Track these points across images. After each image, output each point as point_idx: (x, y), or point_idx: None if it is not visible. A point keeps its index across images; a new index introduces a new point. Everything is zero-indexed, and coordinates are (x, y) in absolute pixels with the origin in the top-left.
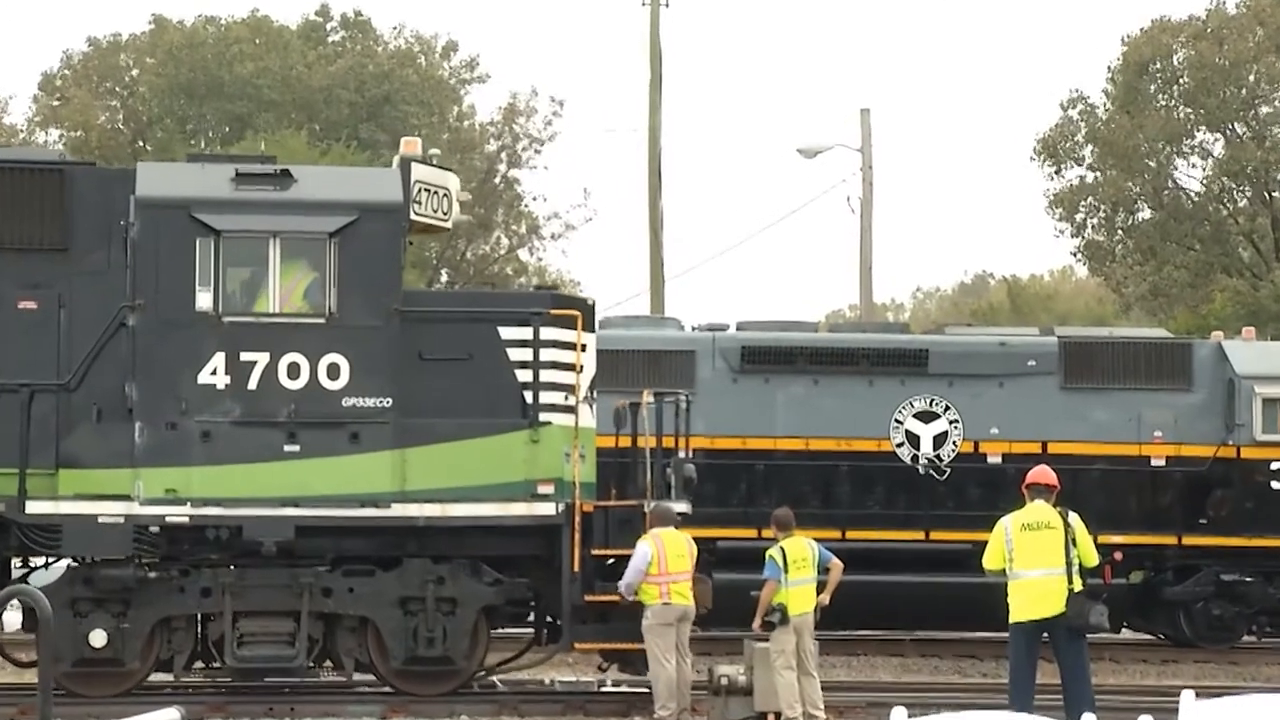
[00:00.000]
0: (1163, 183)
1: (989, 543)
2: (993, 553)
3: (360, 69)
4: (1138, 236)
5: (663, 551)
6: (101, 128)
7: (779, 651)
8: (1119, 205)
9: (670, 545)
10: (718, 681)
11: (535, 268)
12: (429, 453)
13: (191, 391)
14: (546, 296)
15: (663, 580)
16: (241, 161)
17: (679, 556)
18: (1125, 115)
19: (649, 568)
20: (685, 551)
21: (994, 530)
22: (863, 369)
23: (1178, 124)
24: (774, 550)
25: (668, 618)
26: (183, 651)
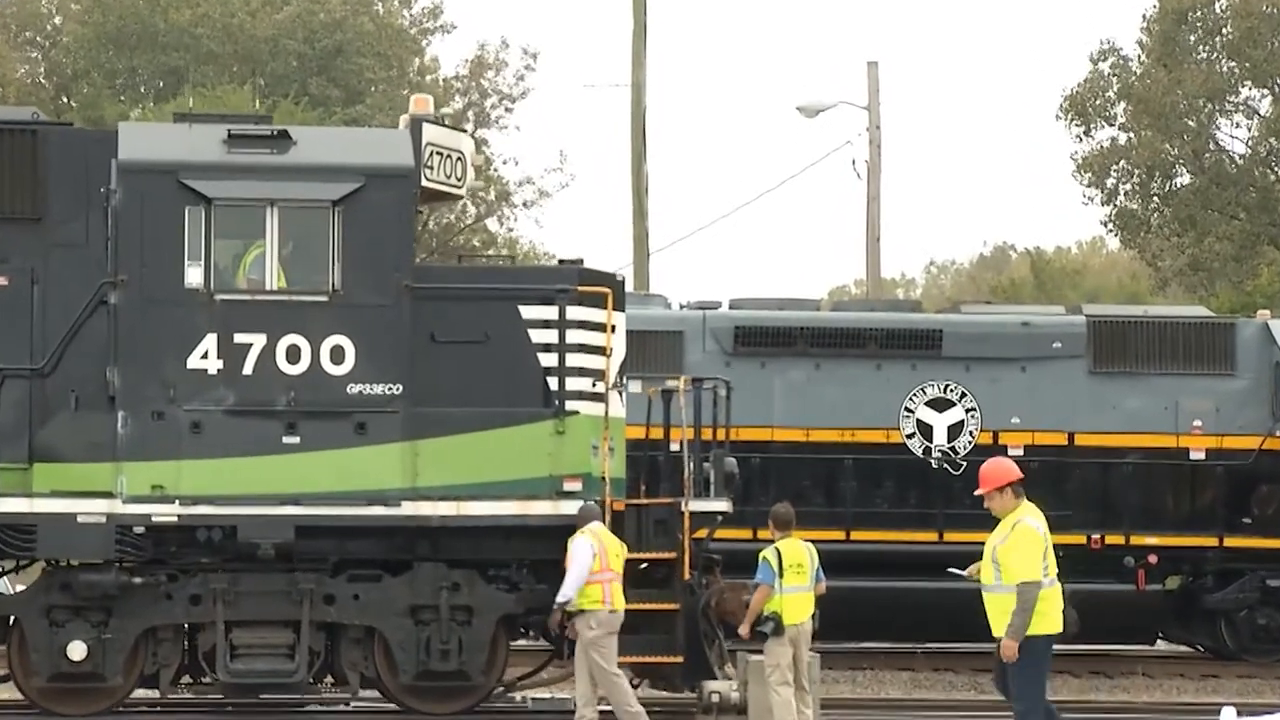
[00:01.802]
0: (1203, 144)
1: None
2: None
3: (310, 17)
4: (1175, 204)
5: (602, 547)
6: (20, 82)
7: (774, 665)
8: (1155, 169)
9: (609, 542)
10: (708, 699)
11: (505, 239)
12: (443, 445)
13: (180, 377)
14: (573, 272)
15: (604, 578)
16: (234, 121)
17: (616, 555)
18: (1162, 69)
19: (593, 563)
20: (620, 551)
21: (1029, 535)
22: (870, 352)
23: (1220, 79)
24: (768, 552)
25: (614, 626)
26: (170, 665)
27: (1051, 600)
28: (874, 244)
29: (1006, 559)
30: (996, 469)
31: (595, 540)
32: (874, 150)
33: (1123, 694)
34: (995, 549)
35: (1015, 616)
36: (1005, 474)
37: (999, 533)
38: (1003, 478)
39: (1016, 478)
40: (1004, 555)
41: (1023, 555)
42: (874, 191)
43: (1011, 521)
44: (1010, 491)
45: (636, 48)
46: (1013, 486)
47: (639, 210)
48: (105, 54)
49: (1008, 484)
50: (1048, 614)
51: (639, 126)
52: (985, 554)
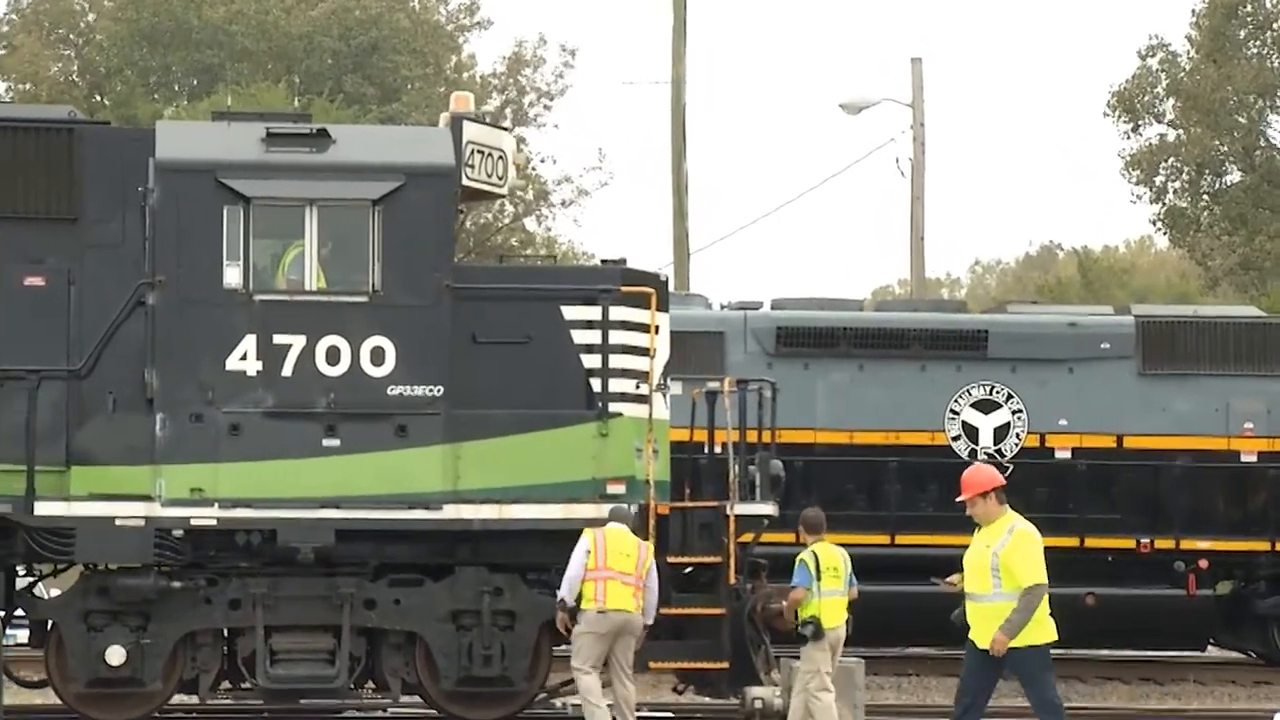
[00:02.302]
0: (1254, 141)
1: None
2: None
3: (345, 14)
4: (1226, 202)
5: (602, 545)
6: (53, 80)
7: (813, 671)
8: (1204, 167)
9: (614, 540)
10: (751, 705)
11: (543, 238)
12: (484, 448)
13: (219, 379)
14: (616, 272)
15: (599, 575)
16: (273, 120)
17: (623, 555)
18: (1212, 65)
19: (587, 560)
20: (633, 551)
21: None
22: (914, 352)
23: (1271, 74)
24: (805, 554)
25: (600, 627)
26: (209, 670)
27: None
28: (918, 243)
29: (1011, 563)
30: (979, 475)
31: (593, 538)
32: (918, 148)
33: (1174, 701)
34: (995, 555)
35: (1017, 614)
36: (988, 480)
37: (994, 538)
38: (986, 483)
39: (1000, 484)
40: (1008, 559)
41: (1029, 558)
42: (918, 190)
43: (1006, 526)
44: (994, 497)
45: (676, 44)
46: (996, 492)
47: (679, 209)
48: (139, 52)
49: (991, 490)
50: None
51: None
52: (974, 561)
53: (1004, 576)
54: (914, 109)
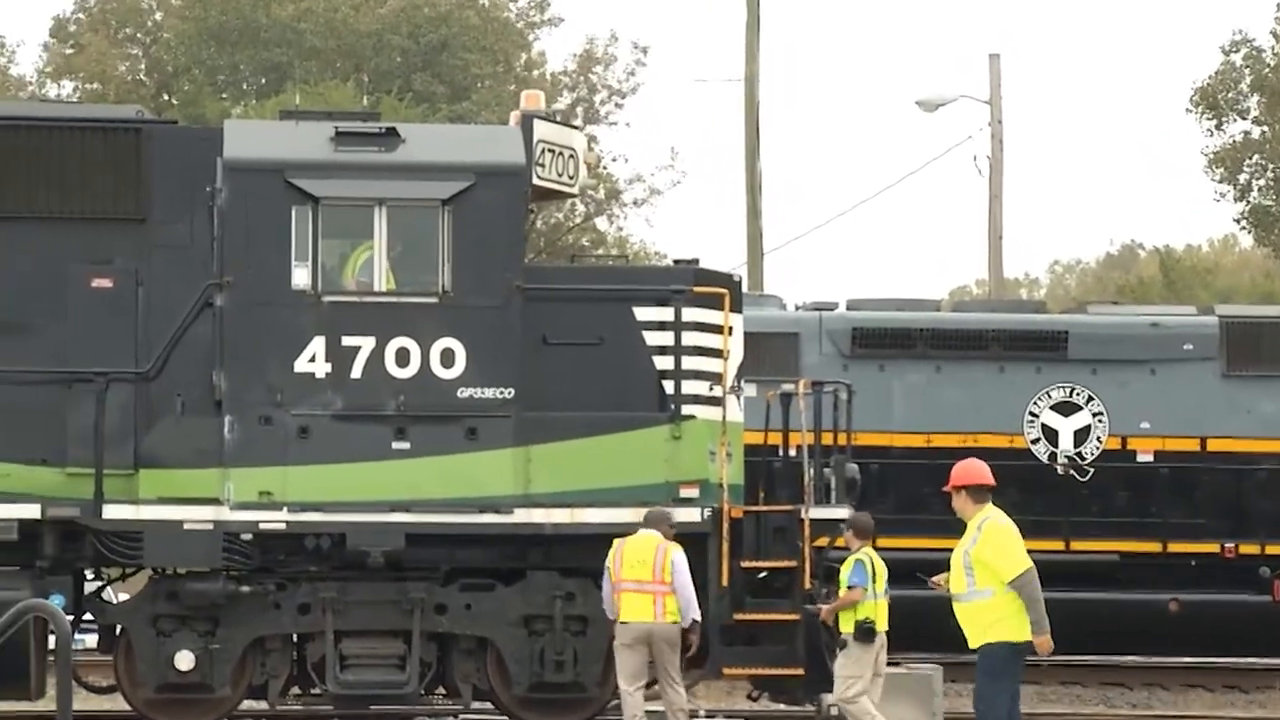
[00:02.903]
0: None
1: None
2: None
3: (414, 11)
4: None
5: (619, 556)
6: (120, 79)
7: (856, 677)
8: None
9: (632, 549)
10: (826, 712)
11: (615, 238)
12: (555, 450)
13: (287, 381)
14: (689, 272)
15: (618, 587)
16: (342, 119)
17: (638, 563)
18: None
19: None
20: (647, 559)
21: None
22: (992, 354)
23: None
24: (861, 555)
25: (624, 637)
26: (279, 676)
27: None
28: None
29: (985, 558)
30: (958, 470)
31: (613, 550)
32: (996, 145)
33: (1259, 709)
34: (966, 553)
35: (1031, 611)
36: (961, 475)
37: (966, 537)
38: (957, 479)
39: (969, 481)
40: (979, 555)
41: (1003, 549)
42: (996, 188)
43: (977, 522)
44: (966, 495)
45: (750, 40)
46: (969, 490)
47: (753, 208)
48: (206, 50)
49: (961, 486)
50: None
51: (752, 122)
52: (953, 561)
53: (978, 574)
54: (992, 106)
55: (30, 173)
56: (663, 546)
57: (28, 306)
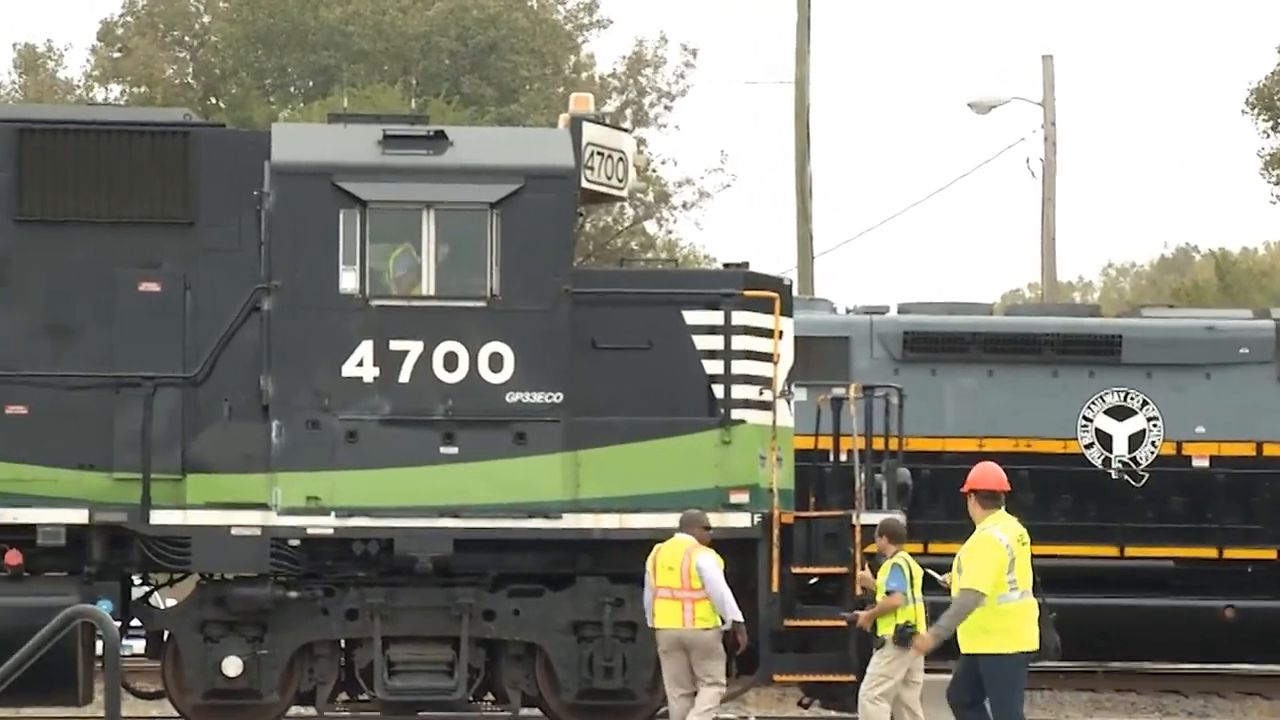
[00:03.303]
0: None
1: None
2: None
3: (462, 13)
4: None
5: (652, 563)
6: (168, 82)
7: (887, 678)
8: None
9: (664, 555)
10: None
11: (664, 241)
12: (605, 455)
13: (335, 385)
14: (739, 275)
15: (654, 594)
16: (389, 121)
17: (667, 569)
18: None
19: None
20: (675, 564)
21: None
22: (1045, 358)
23: None
24: (899, 560)
25: (660, 644)
26: (327, 682)
27: (1020, 616)
28: (1049, 245)
29: (962, 563)
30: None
31: (651, 556)
32: (1049, 147)
33: None
34: (959, 558)
35: (946, 617)
36: (973, 480)
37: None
38: (969, 484)
39: (982, 487)
40: (960, 561)
41: (974, 561)
42: (1049, 191)
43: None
44: (974, 499)
45: (800, 42)
46: (977, 495)
47: (803, 211)
48: (254, 53)
49: (970, 491)
50: (1017, 630)
51: (803, 124)
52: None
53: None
54: (1045, 107)
55: (78, 177)
56: (689, 551)
57: (75, 310)
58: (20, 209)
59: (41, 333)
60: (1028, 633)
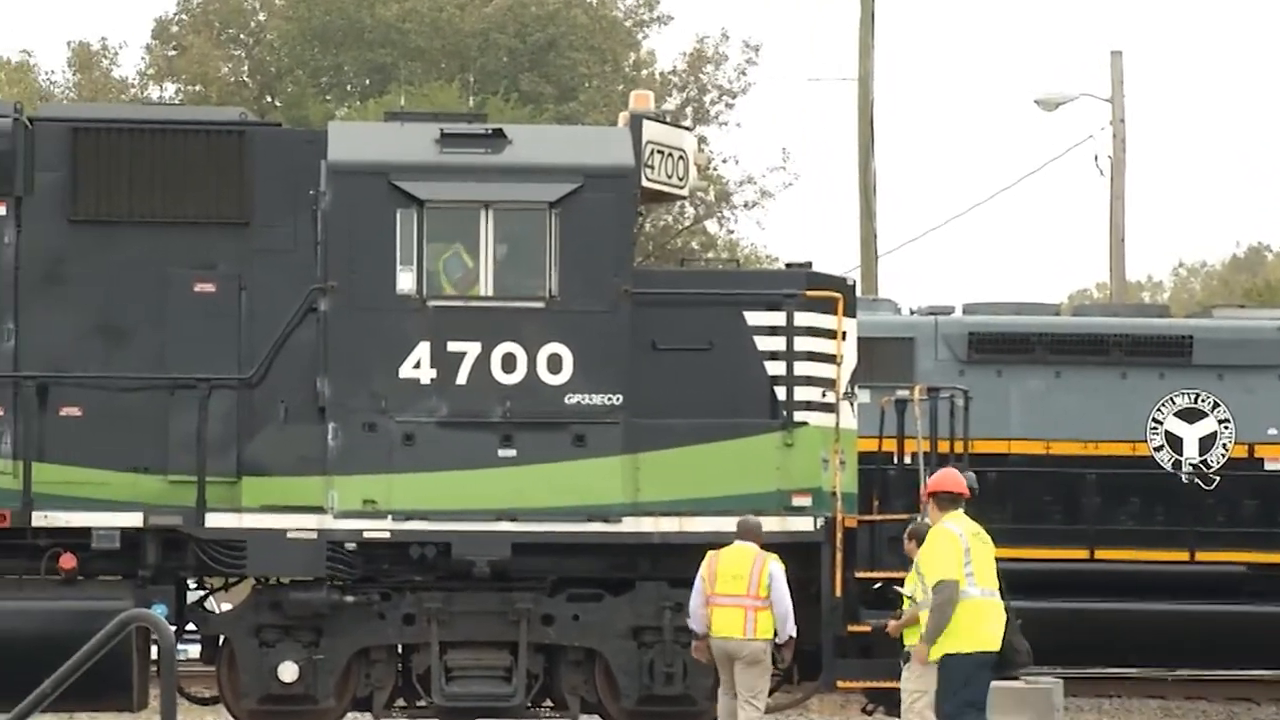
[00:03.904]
0: None
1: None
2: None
3: (521, 10)
4: None
5: (713, 569)
6: (223, 81)
7: (919, 691)
8: None
9: (727, 562)
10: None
11: (725, 241)
12: (665, 458)
13: (392, 387)
14: (801, 276)
15: (712, 602)
16: (446, 120)
17: (734, 578)
18: None
19: (704, 587)
20: (744, 572)
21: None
22: (1114, 359)
23: None
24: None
25: (717, 653)
26: (383, 687)
27: (979, 615)
28: (1118, 245)
29: (921, 565)
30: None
31: (707, 563)
32: (1118, 145)
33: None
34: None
35: (930, 618)
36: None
37: None
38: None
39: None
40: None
41: (933, 555)
42: (1118, 189)
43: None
44: (934, 503)
45: (864, 38)
46: (936, 498)
47: (866, 210)
48: (310, 51)
49: (931, 495)
50: (974, 629)
51: (866, 122)
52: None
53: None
54: (1113, 104)
55: (133, 177)
56: (760, 559)
57: (129, 311)
58: (75, 209)
59: (96, 334)
60: (985, 632)
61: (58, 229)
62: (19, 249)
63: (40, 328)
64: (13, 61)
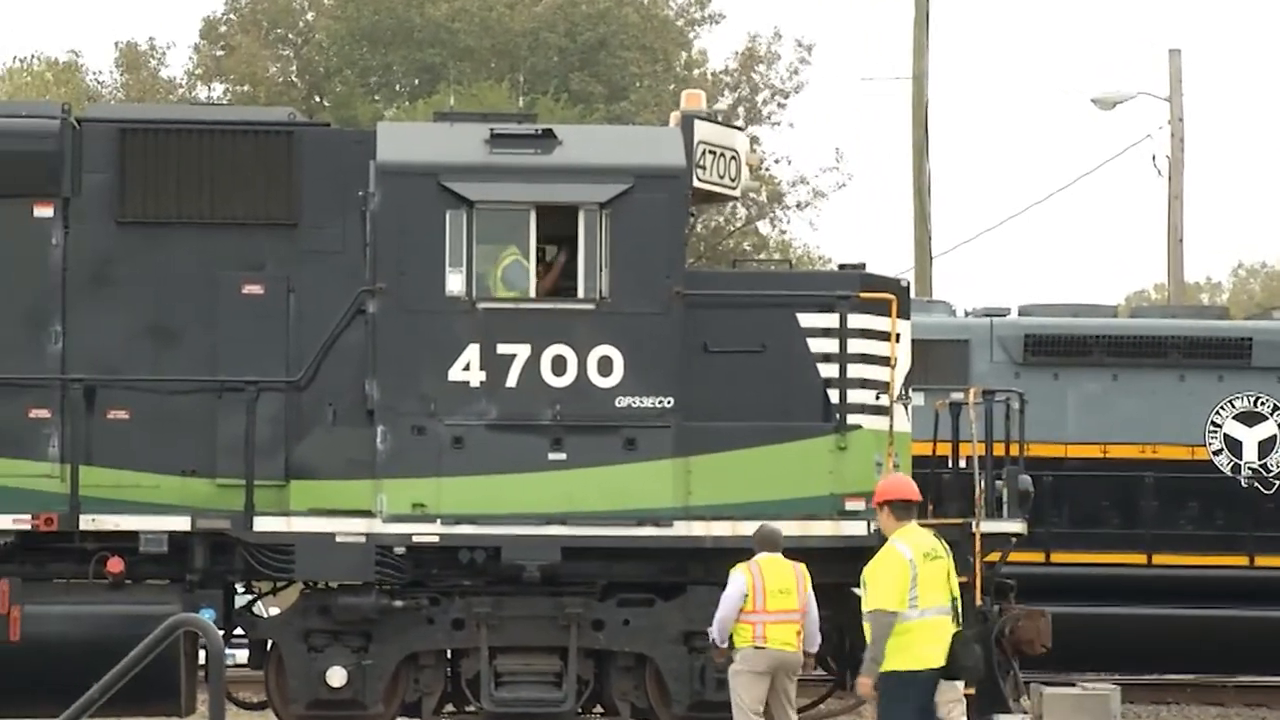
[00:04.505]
0: None
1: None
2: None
3: (571, 9)
4: None
5: (760, 584)
6: (271, 81)
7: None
8: None
9: (772, 576)
10: None
11: (777, 242)
12: (716, 462)
13: (441, 390)
14: (855, 277)
15: (758, 619)
16: (496, 120)
17: (783, 592)
18: None
19: (744, 604)
20: (792, 586)
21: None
22: (1172, 361)
23: None
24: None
25: (758, 664)
26: (432, 693)
27: (919, 635)
28: (1176, 245)
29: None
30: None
31: (750, 579)
32: (1176, 144)
33: None
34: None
35: (869, 649)
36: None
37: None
38: (880, 495)
39: (895, 497)
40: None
41: (876, 580)
42: (1176, 189)
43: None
44: (887, 511)
45: (918, 37)
46: (890, 506)
47: (920, 211)
48: (359, 51)
49: (884, 503)
50: (910, 649)
51: (921, 121)
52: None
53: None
54: (1172, 103)
55: (180, 178)
56: (801, 572)
57: (177, 313)
58: (122, 210)
59: (143, 336)
60: (926, 651)
61: (105, 230)
62: (66, 251)
63: (87, 330)
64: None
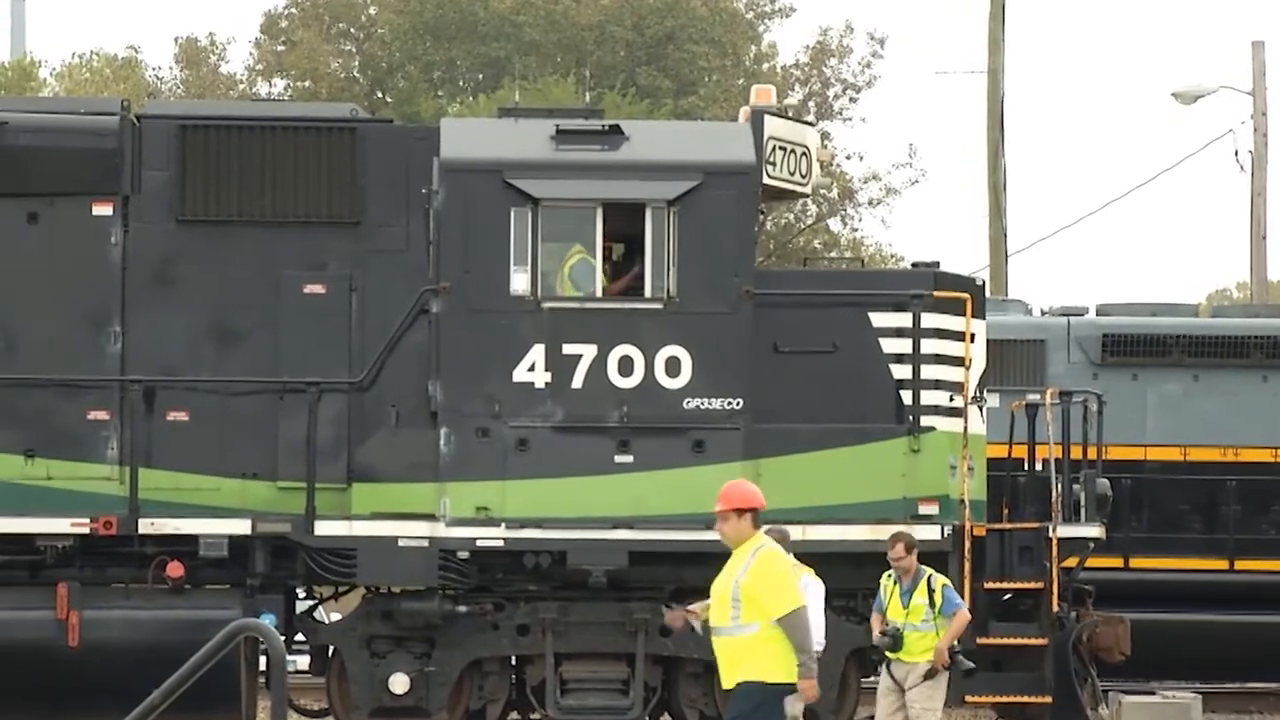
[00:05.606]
0: None
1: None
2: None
3: (638, 2)
4: None
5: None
6: (333, 77)
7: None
8: None
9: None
10: None
11: (849, 240)
12: (787, 464)
13: (506, 391)
14: (928, 276)
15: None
16: (562, 116)
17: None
18: None
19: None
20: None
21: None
22: (1255, 361)
23: None
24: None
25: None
26: (497, 700)
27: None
28: (1259, 242)
29: (754, 592)
30: (737, 490)
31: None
32: (1259, 139)
33: None
34: (737, 583)
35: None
36: (746, 498)
37: (738, 564)
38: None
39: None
40: (749, 588)
41: (774, 584)
42: (1259, 185)
43: (751, 548)
44: (750, 518)
45: (993, 30)
46: (754, 513)
47: (996, 208)
48: (422, 46)
49: (750, 509)
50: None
51: (996, 117)
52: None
53: (744, 607)
54: (1255, 96)
55: (241, 175)
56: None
57: (238, 313)
58: (182, 208)
59: (203, 336)
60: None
61: (165, 229)
62: (126, 249)
63: (147, 330)
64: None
